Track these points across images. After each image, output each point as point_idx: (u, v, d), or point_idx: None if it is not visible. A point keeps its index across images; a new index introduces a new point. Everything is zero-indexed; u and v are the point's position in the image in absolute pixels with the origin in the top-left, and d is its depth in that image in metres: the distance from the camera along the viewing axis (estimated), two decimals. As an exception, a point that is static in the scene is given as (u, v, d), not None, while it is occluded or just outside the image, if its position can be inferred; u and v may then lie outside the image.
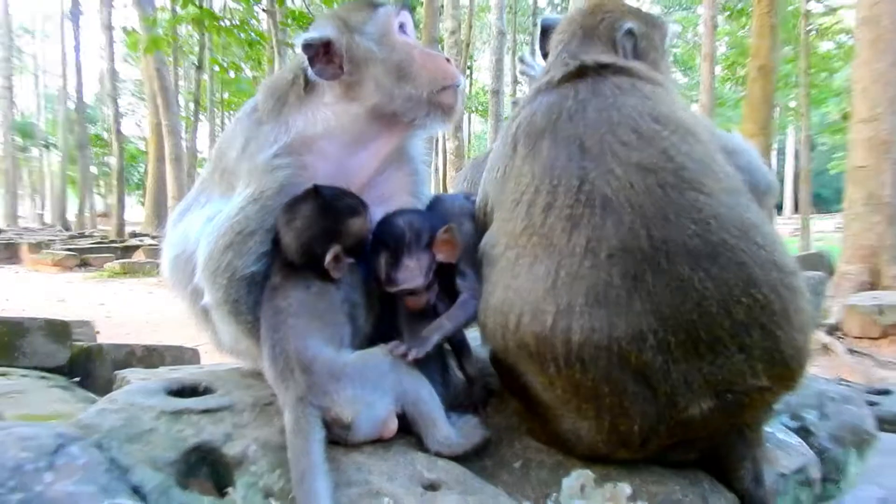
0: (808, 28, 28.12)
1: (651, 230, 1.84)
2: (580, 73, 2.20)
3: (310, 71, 2.29)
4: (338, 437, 1.97)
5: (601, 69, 2.19)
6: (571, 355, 1.84)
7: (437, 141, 28.26)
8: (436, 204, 2.48)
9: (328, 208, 2.18)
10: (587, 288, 1.83)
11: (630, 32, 2.44)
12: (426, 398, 2.05)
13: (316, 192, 2.18)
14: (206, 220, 2.33)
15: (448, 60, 2.39)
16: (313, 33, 2.32)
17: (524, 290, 1.93)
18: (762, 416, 2.03)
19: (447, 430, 2.04)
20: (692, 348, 1.81)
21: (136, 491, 1.85)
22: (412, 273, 2.18)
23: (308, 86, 2.34)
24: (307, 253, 2.16)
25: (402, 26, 2.39)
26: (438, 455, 2.01)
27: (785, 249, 1.95)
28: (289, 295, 2.13)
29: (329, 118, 2.33)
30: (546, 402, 2.01)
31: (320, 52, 2.29)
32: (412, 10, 2.47)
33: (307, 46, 2.27)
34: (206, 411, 2.14)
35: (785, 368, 1.88)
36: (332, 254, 2.14)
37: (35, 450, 1.82)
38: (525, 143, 2.13)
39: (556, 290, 1.87)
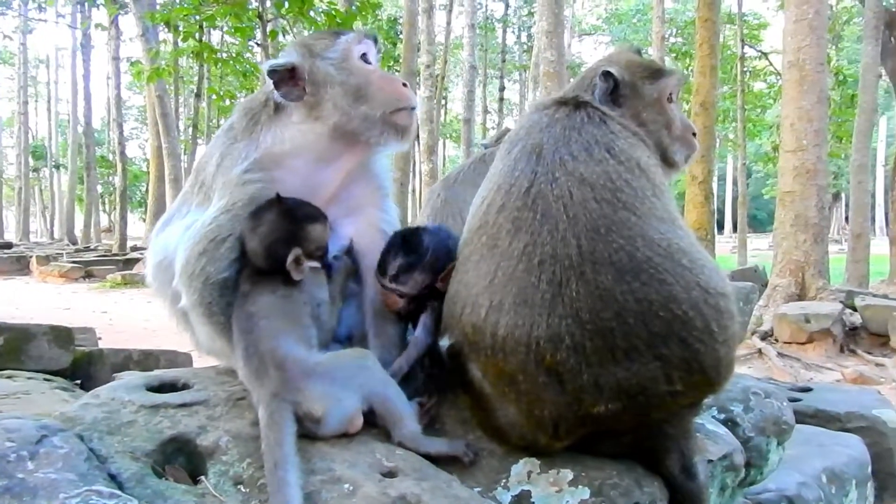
0: (743, 69, 28.69)
1: (581, 240, 1.84)
2: (563, 102, 2.20)
3: (275, 94, 2.28)
4: (308, 431, 1.93)
5: (581, 103, 2.18)
6: (496, 346, 1.88)
7: (413, 164, 28.27)
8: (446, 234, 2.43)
9: (289, 214, 2.17)
10: (518, 289, 1.86)
11: (606, 75, 2.32)
12: (393, 397, 2.02)
13: (278, 200, 2.18)
14: (184, 229, 2.30)
15: (405, 85, 2.36)
16: (279, 59, 2.32)
17: (470, 284, 1.97)
18: (683, 414, 2.00)
19: (414, 426, 2.01)
20: (608, 353, 1.81)
21: (114, 479, 1.80)
22: (415, 284, 2.24)
23: (277, 107, 2.32)
24: (271, 256, 2.14)
25: (363, 55, 2.35)
26: (401, 445, 1.98)
27: (716, 275, 1.94)
28: (257, 300, 2.11)
29: (296, 136, 2.30)
30: (485, 392, 2.00)
31: (286, 77, 2.28)
32: (376, 40, 2.42)
33: (272, 72, 2.26)
34: (182, 405, 2.10)
35: (703, 376, 1.88)
36: (292, 255, 2.12)
37: (19, 440, 1.78)
38: (507, 148, 2.15)
39: (492, 287, 1.90)
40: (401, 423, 2.00)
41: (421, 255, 2.25)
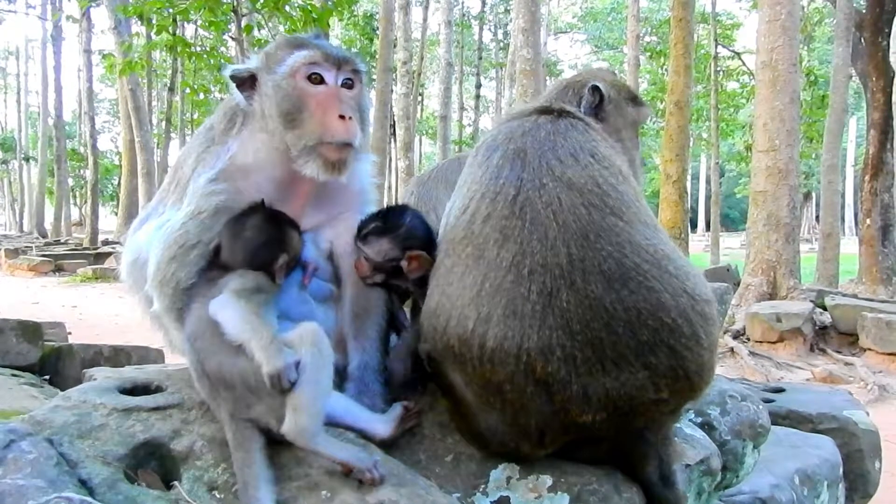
0: (717, 69, 28.97)
1: (571, 247, 1.82)
2: (545, 111, 2.19)
3: (239, 97, 2.24)
4: (280, 437, 1.87)
5: (563, 113, 2.18)
6: (484, 357, 1.84)
7: (389, 161, 28.18)
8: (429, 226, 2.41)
9: (274, 218, 2.14)
10: (506, 301, 1.83)
11: (595, 89, 2.41)
12: (316, 389, 1.86)
13: (262, 205, 2.14)
14: (156, 229, 2.25)
15: (342, 118, 2.15)
16: (240, 66, 2.26)
17: (454, 296, 1.92)
18: (664, 420, 2.00)
19: (316, 426, 1.86)
20: (598, 363, 1.80)
21: (84, 484, 1.75)
22: (380, 251, 2.25)
23: (245, 114, 2.27)
24: (257, 258, 2.08)
25: (314, 75, 2.19)
26: (281, 436, 1.83)
27: (700, 281, 1.94)
28: (191, 319, 2.02)
29: (259, 150, 2.24)
30: (467, 399, 1.98)
31: (247, 81, 2.23)
32: (340, 61, 2.22)
33: (233, 77, 2.22)
34: (155, 408, 2.05)
35: (687, 382, 1.88)
36: (282, 260, 2.08)
37: (-15, 445, 1.73)
38: (484, 154, 2.11)
39: (479, 299, 1.86)
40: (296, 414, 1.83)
41: (395, 226, 2.27)
